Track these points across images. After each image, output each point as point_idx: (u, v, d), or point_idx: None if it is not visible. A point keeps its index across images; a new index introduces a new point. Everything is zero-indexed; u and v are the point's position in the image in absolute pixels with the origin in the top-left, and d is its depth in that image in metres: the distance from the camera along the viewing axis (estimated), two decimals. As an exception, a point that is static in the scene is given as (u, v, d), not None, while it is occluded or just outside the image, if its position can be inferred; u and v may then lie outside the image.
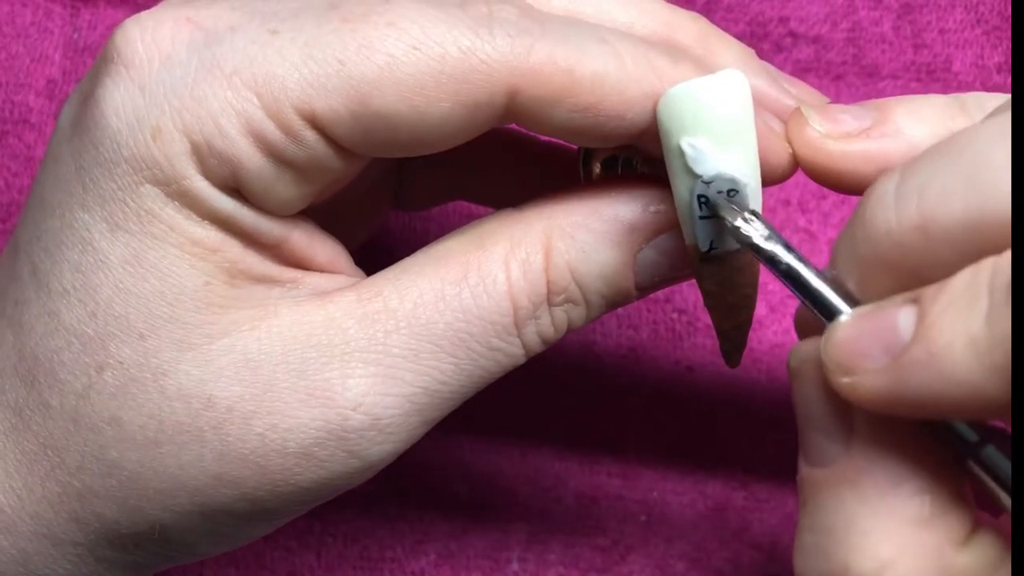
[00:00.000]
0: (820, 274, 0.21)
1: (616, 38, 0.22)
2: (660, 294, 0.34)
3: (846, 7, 0.35)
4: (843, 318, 0.20)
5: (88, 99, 0.22)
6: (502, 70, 0.21)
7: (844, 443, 0.20)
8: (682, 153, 0.21)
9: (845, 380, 0.19)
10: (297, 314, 0.22)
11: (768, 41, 0.35)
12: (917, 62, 0.35)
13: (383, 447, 0.22)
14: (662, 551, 0.33)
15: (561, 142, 0.29)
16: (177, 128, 0.21)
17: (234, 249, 0.22)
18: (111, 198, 0.21)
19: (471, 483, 0.34)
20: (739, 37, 0.25)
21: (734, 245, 0.22)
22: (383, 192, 0.29)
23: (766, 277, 0.35)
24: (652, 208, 0.23)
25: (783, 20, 0.35)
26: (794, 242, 0.34)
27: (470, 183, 0.29)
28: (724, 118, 0.21)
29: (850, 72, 0.35)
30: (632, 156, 0.24)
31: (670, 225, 0.23)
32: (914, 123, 0.22)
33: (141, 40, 0.21)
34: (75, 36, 0.36)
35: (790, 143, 0.23)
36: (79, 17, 0.36)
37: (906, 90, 0.35)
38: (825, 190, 0.35)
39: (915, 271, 0.19)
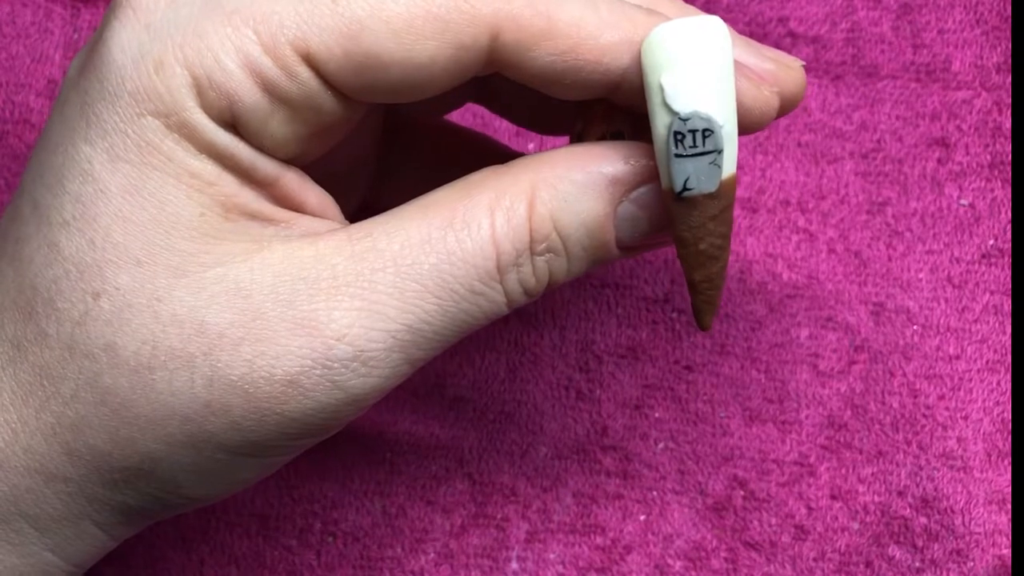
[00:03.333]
0: None
1: None
2: (660, 294, 0.34)
3: (845, 7, 0.35)
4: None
5: (96, 43, 0.23)
6: (485, 11, 0.22)
7: None
8: (661, 89, 0.22)
9: None
10: (288, 249, 0.23)
11: (767, 41, 0.35)
12: (916, 62, 0.35)
13: (366, 380, 0.23)
14: (661, 550, 0.33)
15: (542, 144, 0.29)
16: (178, 61, 0.22)
17: (230, 184, 0.23)
18: (113, 130, 0.22)
19: (471, 482, 0.34)
20: (738, 37, 0.25)
21: (708, 188, 0.23)
22: (360, 183, 0.30)
23: (766, 276, 0.36)
24: (632, 161, 0.24)
25: (782, 20, 0.35)
26: (793, 242, 0.35)
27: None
28: (703, 59, 0.22)
29: (849, 72, 0.35)
30: (621, 131, 0.25)
31: (650, 178, 0.24)
32: None
33: None
34: (75, 36, 0.36)
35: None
36: (79, 17, 0.36)
37: (905, 90, 0.35)
38: (825, 190, 0.35)
39: None
